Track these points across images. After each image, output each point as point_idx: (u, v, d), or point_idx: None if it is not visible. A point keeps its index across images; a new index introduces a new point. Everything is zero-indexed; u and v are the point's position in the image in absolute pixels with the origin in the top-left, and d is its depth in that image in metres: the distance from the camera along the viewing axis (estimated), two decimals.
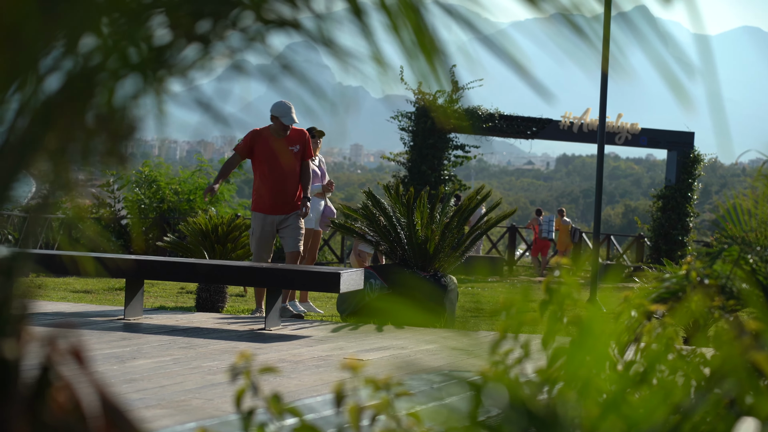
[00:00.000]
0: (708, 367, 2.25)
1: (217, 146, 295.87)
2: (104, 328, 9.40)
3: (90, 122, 1.43)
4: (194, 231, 13.87)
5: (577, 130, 32.52)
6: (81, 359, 1.52)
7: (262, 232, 12.35)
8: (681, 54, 1.27)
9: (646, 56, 1.37)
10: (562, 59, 1.56)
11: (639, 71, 1.60)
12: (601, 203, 18.29)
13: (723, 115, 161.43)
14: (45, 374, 1.50)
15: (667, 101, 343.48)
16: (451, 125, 22.31)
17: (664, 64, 1.35)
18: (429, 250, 12.39)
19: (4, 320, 1.48)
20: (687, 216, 32.63)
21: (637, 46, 1.39)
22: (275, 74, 1.48)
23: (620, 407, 1.68)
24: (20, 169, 1.46)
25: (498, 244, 38.58)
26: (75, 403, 1.51)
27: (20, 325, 1.52)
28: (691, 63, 1.36)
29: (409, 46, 1.46)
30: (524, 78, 1.53)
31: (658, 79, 1.55)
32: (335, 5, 1.53)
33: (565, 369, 1.95)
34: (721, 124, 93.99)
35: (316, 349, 8.61)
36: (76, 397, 1.51)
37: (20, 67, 1.40)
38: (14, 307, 1.48)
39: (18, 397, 1.47)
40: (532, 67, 1.52)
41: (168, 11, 1.43)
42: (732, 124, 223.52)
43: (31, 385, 1.51)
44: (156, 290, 17.82)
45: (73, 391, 1.51)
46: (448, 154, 31.15)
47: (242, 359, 2.23)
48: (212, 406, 5.89)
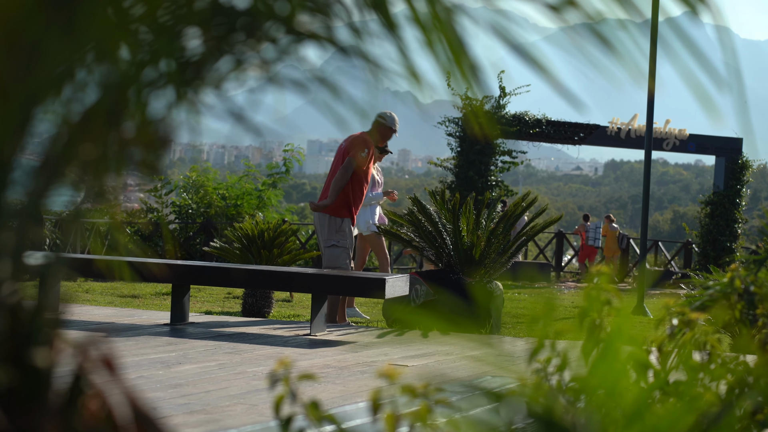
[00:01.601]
0: (743, 375, 2.24)
1: (265, 151, 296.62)
2: (150, 333, 9.46)
3: (125, 133, 1.45)
4: (240, 236, 13.91)
5: (624, 135, 32.38)
6: (113, 367, 1.54)
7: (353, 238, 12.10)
8: (710, 65, 1.27)
9: (674, 69, 1.37)
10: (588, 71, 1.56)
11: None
12: (648, 209, 18.21)
13: (749, 123, 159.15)
14: (77, 382, 1.52)
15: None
16: (489, 135, 22.24)
17: (693, 76, 1.35)
18: (475, 255, 12.39)
19: (36, 328, 1.51)
20: (735, 222, 32.40)
21: (665, 58, 1.40)
22: (308, 86, 1.50)
23: (644, 417, 1.68)
24: (57, 179, 1.48)
25: (545, 250, 38.45)
26: (107, 411, 1.53)
27: (53, 333, 1.54)
28: (721, 75, 1.35)
29: (444, 63, 1.48)
30: (556, 88, 1.53)
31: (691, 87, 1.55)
32: (369, 19, 1.54)
33: (590, 378, 1.95)
34: (747, 131, 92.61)
35: (361, 355, 8.63)
36: (107, 406, 1.53)
37: (54, 79, 1.43)
38: (47, 315, 1.51)
39: (49, 405, 1.50)
40: (561, 77, 1.52)
41: (200, 24, 1.45)
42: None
43: (63, 393, 1.53)
44: (203, 295, 17.91)
45: (105, 400, 1.53)
46: (495, 159, 31.09)
47: (281, 366, 2.25)
48: (256, 412, 5.91)
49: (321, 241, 11.95)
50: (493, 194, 29.31)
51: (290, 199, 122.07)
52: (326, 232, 11.87)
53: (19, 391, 1.56)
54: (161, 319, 10.77)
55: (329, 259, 11.82)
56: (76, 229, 3.28)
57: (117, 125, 1.45)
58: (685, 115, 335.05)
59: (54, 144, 1.50)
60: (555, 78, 1.45)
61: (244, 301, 13.62)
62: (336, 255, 11.80)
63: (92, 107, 1.44)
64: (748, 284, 3.97)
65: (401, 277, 10.12)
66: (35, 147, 1.50)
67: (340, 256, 11.81)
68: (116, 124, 1.45)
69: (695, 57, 1.36)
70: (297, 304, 17.08)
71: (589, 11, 1.43)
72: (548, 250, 38.72)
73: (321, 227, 11.93)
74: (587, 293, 2.60)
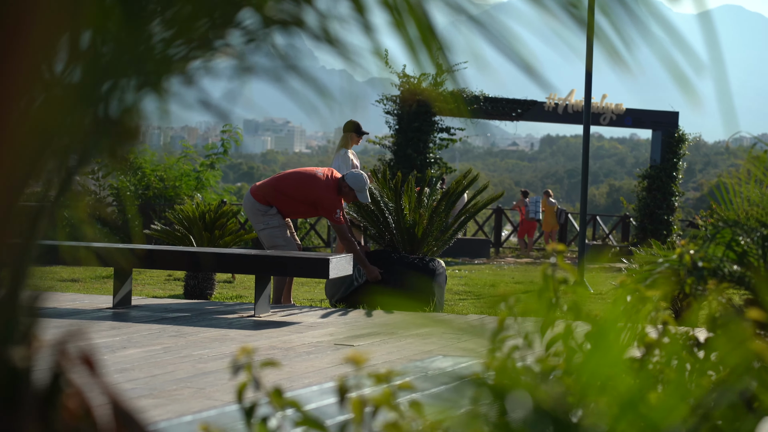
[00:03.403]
0: (720, 364, 2.25)
1: (201, 131, 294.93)
2: (93, 318, 9.39)
3: (94, 124, 1.42)
4: (181, 218, 13.82)
5: (561, 111, 32.50)
6: (92, 365, 1.51)
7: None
8: (688, 48, 1.26)
9: (652, 52, 1.36)
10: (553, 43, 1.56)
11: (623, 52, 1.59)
12: (587, 185, 18.30)
13: (733, 112, 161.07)
14: (56, 381, 1.50)
15: (651, 80, 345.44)
16: (447, 109, 22.24)
17: (672, 60, 1.35)
18: (417, 234, 12.40)
19: (13, 328, 1.48)
20: (672, 195, 32.65)
21: (642, 41, 1.38)
22: (281, 74, 1.47)
23: (637, 407, 1.68)
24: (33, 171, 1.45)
25: (484, 226, 38.57)
26: (86, 409, 1.50)
27: (31, 332, 1.51)
28: (700, 58, 1.34)
29: (413, 42, 1.46)
30: (529, 74, 1.52)
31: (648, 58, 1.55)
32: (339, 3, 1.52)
33: (582, 370, 1.94)
34: (730, 119, 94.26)
35: (307, 335, 8.61)
36: (87, 404, 1.50)
37: (28, 70, 1.40)
38: (24, 314, 1.48)
39: (29, 404, 1.47)
40: (536, 61, 1.51)
41: (171, 13, 1.42)
42: (712, 101, 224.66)
43: (42, 392, 1.51)
44: (143, 278, 17.79)
45: (84, 398, 1.50)
46: (433, 137, 31.08)
47: (244, 353, 2.23)
48: (204, 395, 5.88)
49: (255, 228, 12.02)
50: (433, 172, 29.33)
51: (227, 179, 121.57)
52: (255, 219, 11.97)
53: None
54: (103, 303, 10.69)
55: (267, 242, 11.85)
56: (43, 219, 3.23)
57: (85, 116, 1.42)
58: (622, 89, 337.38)
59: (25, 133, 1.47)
60: (528, 62, 1.44)
61: (186, 283, 13.53)
62: (273, 235, 11.84)
63: (62, 97, 1.41)
64: (697, 260, 4.01)
65: (345, 257, 10.12)
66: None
67: (274, 235, 11.86)
68: (85, 115, 1.42)
69: (673, 40, 1.35)
70: (238, 285, 17.02)
71: None
72: (486, 226, 38.85)
73: (251, 216, 12.01)
74: (543, 271, 2.60)
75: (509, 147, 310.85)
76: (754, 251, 4.76)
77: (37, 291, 1.56)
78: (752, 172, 5.24)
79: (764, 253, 4.72)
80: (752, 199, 5.17)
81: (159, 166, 28.73)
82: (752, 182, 5.18)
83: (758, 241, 4.74)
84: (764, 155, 5.31)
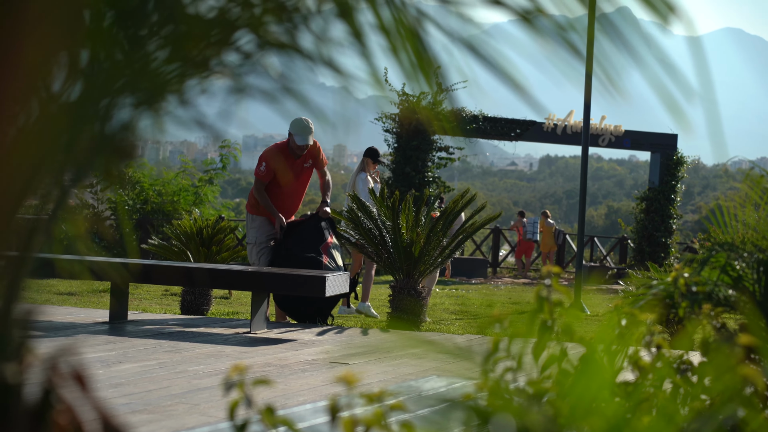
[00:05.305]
0: (710, 390, 2.26)
1: (200, 146, 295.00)
2: (89, 332, 9.38)
3: (90, 141, 1.43)
4: (179, 234, 13.82)
5: (560, 132, 32.53)
6: (83, 381, 1.52)
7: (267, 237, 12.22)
8: (679, 74, 1.28)
9: (643, 78, 1.38)
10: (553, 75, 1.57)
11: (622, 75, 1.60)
12: (585, 206, 18.31)
13: (722, 138, 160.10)
14: (46, 397, 1.50)
15: (650, 103, 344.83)
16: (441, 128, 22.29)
17: (663, 86, 1.36)
18: (414, 253, 12.39)
19: (6, 342, 1.48)
20: (670, 218, 32.67)
21: (635, 67, 1.40)
22: (276, 96, 1.48)
23: (623, 431, 1.69)
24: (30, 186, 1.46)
25: (482, 246, 38.57)
26: (76, 425, 1.50)
27: (23, 346, 1.51)
28: (690, 84, 1.35)
29: (408, 68, 1.47)
30: (521, 95, 1.53)
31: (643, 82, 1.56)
32: (334, 27, 1.53)
33: (569, 393, 1.95)
34: (719, 145, 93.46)
35: (302, 353, 8.61)
36: (77, 420, 1.51)
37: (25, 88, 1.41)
38: (17, 328, 1.48)
39: (19, 420, 1.47)
40: (527, 83, 1.53)
41: (167, 33, 1.43)
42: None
43: (33, 408, 1.51)
44: (140, 292, 17.78)
45: (75, 414, 1.51)
46: (432, 155, 31.11)
47: (236, 371, 2.23)
48: (199, 411, 5.88)
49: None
50: (431, 190, 29.35)
51: (226, 194, 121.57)
52: (246, 232, 12.33)
53: None
54: (100, 317, 10.69)
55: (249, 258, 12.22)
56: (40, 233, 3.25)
57: (82, 133, 1.43)
58: (620, 111, 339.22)
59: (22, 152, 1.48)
60: (519, 84, 1.45)
61: (182, 299, 13.52)
62: (249, 252, 12.27)
63: (60, 115, 1.42)
64: (691, 284, 4.01)
65: (341, 275, 10.11)
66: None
67: (250, 252, 12.26)
68: (81, 131, 1.43)
69: (664, 66, 1.36)
70: (235, 301, 17.01)
71: (559, 21, 1.43)
72: (484, 245, 38.85)
73: (246, 227, 12.41)
74: (537, 293, 2.61)
75: (508, 167, 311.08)
76: (750, 276, 4.76)
77: (31, 305, 1.56)
78: (750, 196, 5.24)
79: (759, 278, 4.72)
80: (749, 223, 5.17)
81: (157, 180, 28.77)
82: (749, 206, 5.19)
83: (753, 266, 4.74)
84: (762, 179, 5.32)
